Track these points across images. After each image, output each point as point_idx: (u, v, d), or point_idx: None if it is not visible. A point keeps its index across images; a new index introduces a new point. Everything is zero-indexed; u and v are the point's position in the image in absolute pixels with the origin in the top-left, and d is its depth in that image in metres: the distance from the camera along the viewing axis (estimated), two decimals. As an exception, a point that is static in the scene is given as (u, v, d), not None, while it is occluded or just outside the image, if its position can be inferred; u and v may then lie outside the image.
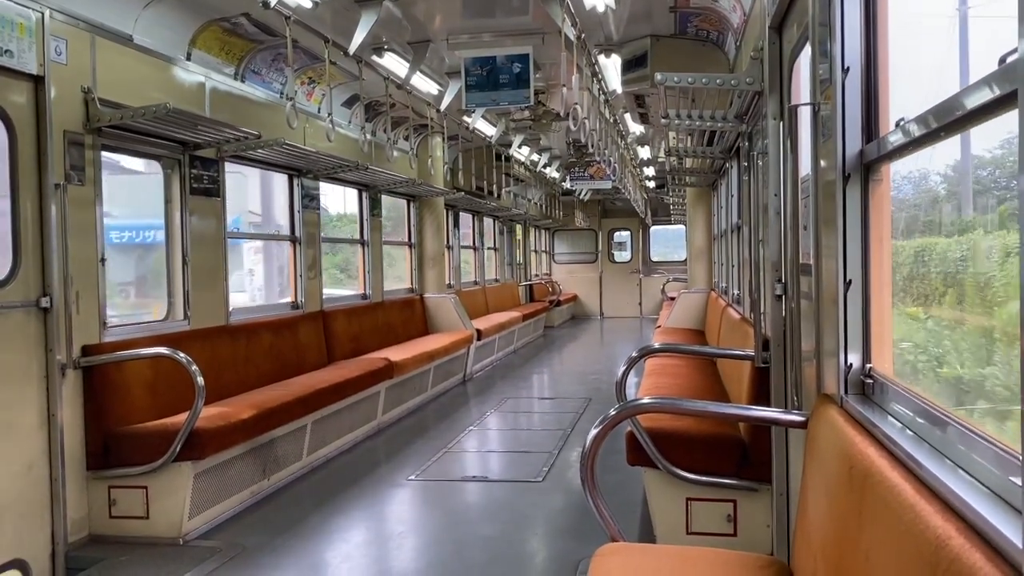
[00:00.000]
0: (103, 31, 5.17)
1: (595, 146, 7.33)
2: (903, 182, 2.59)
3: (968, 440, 1.71)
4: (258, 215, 12.00)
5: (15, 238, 4.52)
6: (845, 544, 2.00)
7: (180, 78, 6.01)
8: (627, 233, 22.84)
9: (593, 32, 7.18)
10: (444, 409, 9.31)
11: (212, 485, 5.26)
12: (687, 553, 2.92)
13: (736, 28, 6.14)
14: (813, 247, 2.91)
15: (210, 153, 6.29)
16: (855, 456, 2.06)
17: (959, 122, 1.76)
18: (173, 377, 5.48)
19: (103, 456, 4.99)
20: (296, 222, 7.91)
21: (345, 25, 6.52)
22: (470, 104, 7.43)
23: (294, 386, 6.54)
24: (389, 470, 6.68)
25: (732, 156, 7.36)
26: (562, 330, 19.23)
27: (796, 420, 2.88)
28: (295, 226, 7.91)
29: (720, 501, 4.34)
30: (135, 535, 4.96)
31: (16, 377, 4.48)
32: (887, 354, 2.46)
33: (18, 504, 4.44)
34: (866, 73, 2.48)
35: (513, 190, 15.53)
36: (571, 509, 5.49)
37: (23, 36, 4.49)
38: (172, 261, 6.04)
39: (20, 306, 4.50)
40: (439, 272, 11.65)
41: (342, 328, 8.53)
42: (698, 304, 10.48)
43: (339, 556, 4.81)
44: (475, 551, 4.82)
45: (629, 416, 3.78)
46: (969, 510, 1.46)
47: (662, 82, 4.48)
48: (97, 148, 5.11)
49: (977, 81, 1.59)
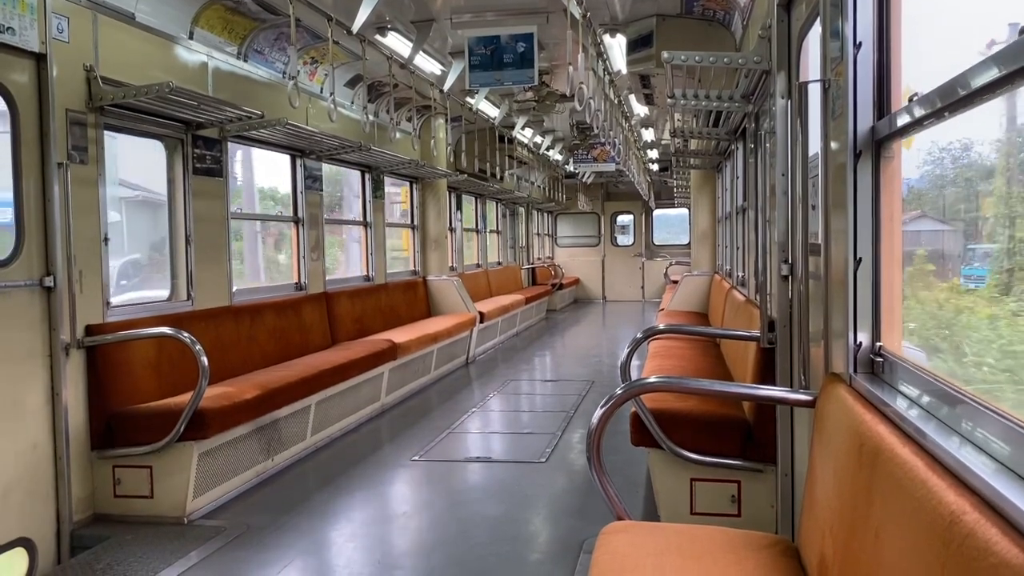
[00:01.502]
0: (105, 8, 5.13)
1: (600, 127, 7.28)
2: (942, 154, 2.42)
3: (980, 416, 1.69)
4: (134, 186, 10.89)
5: (18, 217, 4.50)
6: (854, 522, 1.99)
7: (183, 57, 5.97)
8: (630, 217, 22.80)
9: (598, 11, 7.12)
10: (447, 391, 9.32)
11: (216, 465, 5.27)
12: (693, 531, 2.92)
13: (743, 7, 6.08)
14: (822, 226, 2.89)
15: (213, 133, 6.26)
16: (865, 434, 2.05)
17: (973, 96, 1.73)
18: (177, 357, 5.49)
19: (107, 435, 5.00)
20: (299, 203, 7.88)
21: (348, 4, 6.47)
22: (474, 84, 7.40)
23: (298, 367, 6.54)
24: (393, 450, 6.69)
25: (738, 137, 7.32)
26: (564, 313, 19.23)
27: (803, 399, 2.87)
28: (298, 207, 7.89)
29: (724, 482, 4.34)
30: (139, 514, 4.97)
31: (20, 356, 4.48)
32: (897, 332, 2.44)
33: (23, 483, 4.45)
34: (878, 48, 2.45)
35: (516, 172, 15.48)
36: (574, 489, 5.50)
37: (25, 13, 4.45)
38: (175, 241, 6.03)
39: (24, 285, 4.49)
40: (442, 254, 11.63)
41: (346, 310, 8.53)
42: (701, 287, 10.46)
43: (343, 535, 4.82)
44: (479, 530, 4.83)
45: (635, 395, 3.77)
46: (983, 484, 1.45)
47: (669, 60, 4.44)
48: (99, 127, 5.08)
49: (993, 54, 1.57)
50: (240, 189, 10.68)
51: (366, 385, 7.60)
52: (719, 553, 2.67)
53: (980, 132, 2.06)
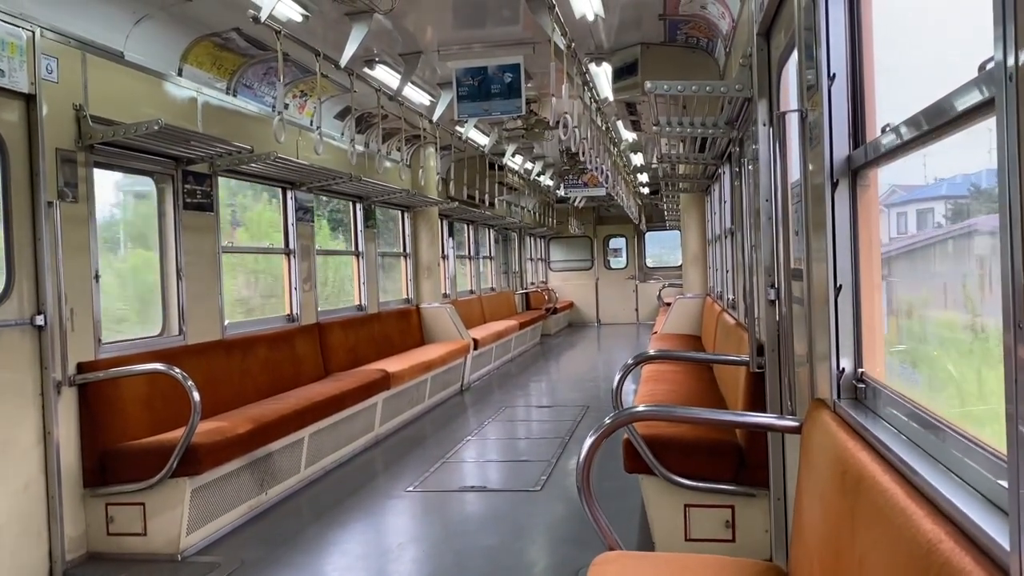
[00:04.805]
0: (94, 48, 5.18)
1: (586, 154, 7.34)
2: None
3: (958, 444, 1.72)
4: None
5: (8, 256, 4.52)
6: (840, 548, 2.00)
7: (172, 94, 6.02)
8: (622, 239, 22.88)
9: (583, 41, 7.21)
10: (442, 419, 9.30)
11: (210, 500, 5.25)
12: (686, 560, 2.92)
13: (725, 35, 6.17)
14: (804, 252, 2.92)
15: (203, 168, 6.30)
16: (848, 461, 2.07)
17: (944, 127, 1.77)
18: (169, 393, 5.48)
19: (100, 473, 4.98)
20: (291, 235, 7.91)
21: (336, 38, 6.54)
22: (462, 114, 7.46)
23: (291, 399, 6.54)
24: (387, 481, 6.67)
25: (724, 161, 7.39)
26: (559, 338, 19.23)
27: (790, 425, 2.88)
28: (289, 239, 7.91)
29: (718, 507, 4.34)
30: (133, 552, 4.94)
31: (11, 395, 4.47)
32: (879, 358, 2.47)
33: (15, 523, 4.43)
34: (852, 79, 2.50)
35: (507, 199, 15.56)
36: (570, 517, 5.48)
37: (14, 55, 4.50)
38: (167, 276, 6.04)
39: (14, 324, 4.50)
40: (435, 282, 11.65)
41: (338, 340, 8.53)
42: (694, 309, 10.50)
43: (338, 569, 4.80)
44: (475, 561, 4.81)
45: (624, 424, 3.78)
46: (959, 513, 1.47)
47: (652, 90, 4.50)
48: (90, 165, 5.11)
49: (959, 87, 1.61)
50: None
51: (360, 416, 7.59)
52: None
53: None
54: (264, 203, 8.66)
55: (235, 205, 8.31)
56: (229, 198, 7.68)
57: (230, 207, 7.82)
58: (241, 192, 8.22)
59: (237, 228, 8.48)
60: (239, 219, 8.61)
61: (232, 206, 8.03)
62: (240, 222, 8.68)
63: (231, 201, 7.99)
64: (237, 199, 8.34)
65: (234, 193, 7.95)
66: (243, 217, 8.78)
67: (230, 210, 7.80)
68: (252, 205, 8.88)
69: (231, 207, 7.93)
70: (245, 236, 8.70)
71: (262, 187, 7.91)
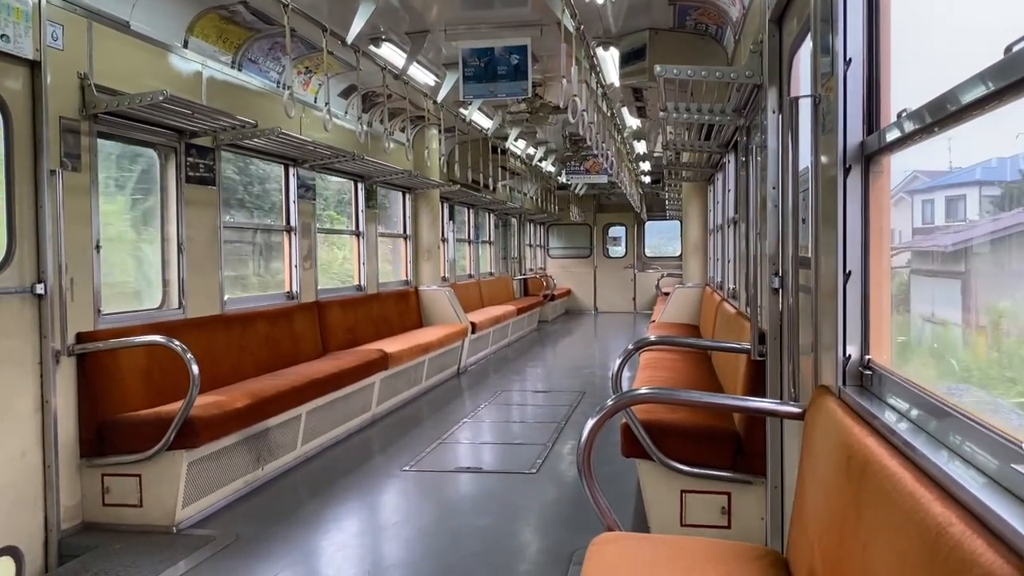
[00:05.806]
0: (100, 17, 5.13)
1: (592, 139, 7.32)
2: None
3: (967, 429, 1.71)
4: None
5: (9, 223, 4.49)
6: (843, 533, 2.00)
7: (177, 66, 5.98)
8: (622, 228, 22.86)
9: (592, 24, 7.17)
10: (438, 401, 9.31)
11: (206, 474, 5.25)
12: (684, 543, 2.93)
13: (735, 22, 6.14)
14: (812, 240, 2.91)
15: (206, 141, 6.27)
16: (853, 446, 2.06)
17: (962, 112, 1.75)
18: (168, 365, 5.47)
19: (97, 444, 4.98)
20: (292, 212, 7.88)
21: (343, 14, 6.50)
22: (467, 95, 7.43)
23: (289, 376, 6.53)
24: (383, 460, 6.68)
25: (729, 150, 7.36)
26: (556, 324, 19.24)
27: (793, 411, 2.88)
28: (290, 216, 7.89)
29: (714, 493, 4.35)
30: (128, 523, 4.95)
31: (10, 363, 4.46)
32: (885, 345, 2.46)
33: (11, 491, 4.42)
34: (868, 65, 2.47)
35: (509, 183, 15.52)
36: (564, 500, 5.50)
37: (19, 21, 4.45)
38: (167, 249, 6.02)
39: (15, 292, 4.48)
40: (434, 265, 11.63)
41: (337, 319, 8.52)
42: (693, 299, 10.50)
43: (333, 545, 4.81)
44: (470, 541, 4.83)
45: (626, 406, 3.78)
46: (970, 497, 1.47)
47: (661, 74, 4.47)
48: (93, 135, 5.08)
49: (982, 71, 1.59)
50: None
51: (357, 395, 7.59)
52: (709, 564, 2.67)
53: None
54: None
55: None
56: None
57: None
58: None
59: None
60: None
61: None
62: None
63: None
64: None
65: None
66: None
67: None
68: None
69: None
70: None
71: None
